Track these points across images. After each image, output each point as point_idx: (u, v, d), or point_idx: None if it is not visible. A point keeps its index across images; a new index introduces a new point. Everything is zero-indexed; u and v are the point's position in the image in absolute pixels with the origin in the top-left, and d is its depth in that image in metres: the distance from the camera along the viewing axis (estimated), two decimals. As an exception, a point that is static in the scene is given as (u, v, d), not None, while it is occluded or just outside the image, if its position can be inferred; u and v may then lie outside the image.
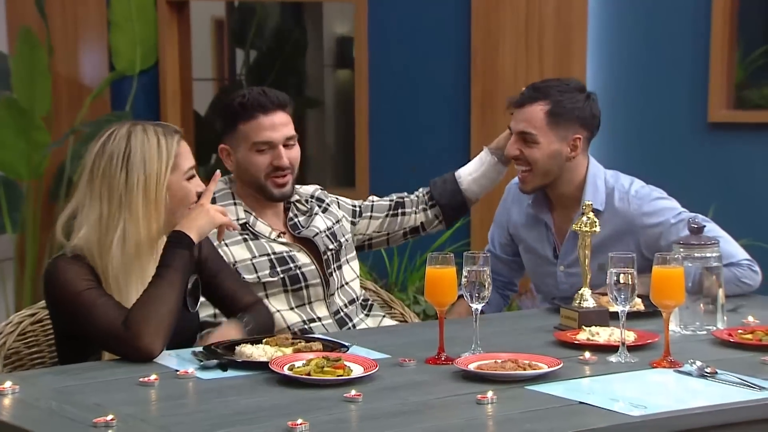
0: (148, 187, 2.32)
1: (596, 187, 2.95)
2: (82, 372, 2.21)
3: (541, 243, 3.04)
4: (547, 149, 2.91)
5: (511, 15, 4.72)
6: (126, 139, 2.34)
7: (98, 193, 2.33)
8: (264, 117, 2.74)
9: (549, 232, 3.03)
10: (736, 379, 2.09)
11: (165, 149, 2.34)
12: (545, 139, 2.90)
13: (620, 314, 2.28)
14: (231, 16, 7.61)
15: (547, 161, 2.91)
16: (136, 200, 2.31)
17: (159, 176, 2.32)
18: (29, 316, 2.59)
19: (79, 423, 1.85)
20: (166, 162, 2.34)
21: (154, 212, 2.32)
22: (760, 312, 2.69)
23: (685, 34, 4.62)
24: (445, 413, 1.96)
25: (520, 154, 2.93)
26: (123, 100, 5.25)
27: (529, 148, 2.92)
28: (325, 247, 2.82)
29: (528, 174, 2.94)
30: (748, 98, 4.82)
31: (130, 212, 2.31)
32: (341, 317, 2.81)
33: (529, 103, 2.92)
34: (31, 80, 4.97)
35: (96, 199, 2.33)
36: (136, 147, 2.33)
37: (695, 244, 2.57)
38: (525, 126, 2.91)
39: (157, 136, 2.35)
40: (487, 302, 2.33)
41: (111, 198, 2.32)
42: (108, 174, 2.32)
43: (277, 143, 2.75)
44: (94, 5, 5.28)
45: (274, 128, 2.74)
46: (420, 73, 4.92)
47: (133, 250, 2.32)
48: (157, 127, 2.39)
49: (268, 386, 2.08)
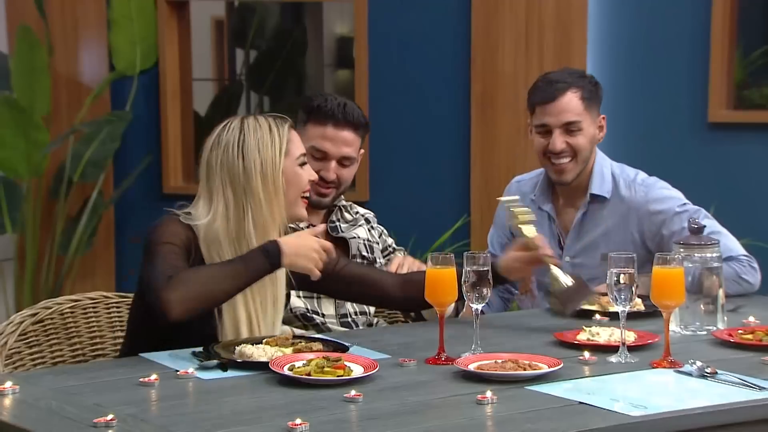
0: (265, 171, 2.40)
1: (603, 175, 2.99)
2: (83, 372, 2.21)
3: (545, 235, 3.04)
4: (588, 134, 2.96)
5: (510, 15, 4.71)
6: (239, 128, 2.43)
7: (220, 182, 2.40)
8: (332, 128, 2.77)
9: (552, 223, 3.04)
10: (737, 380, 2.09)
11: (277, 135, 2.43)
12: (586, 124, 2.95)
13: (620, 314, 2.28)
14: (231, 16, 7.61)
15: (588, 147, 2.96)
16: (257, 185, 2.39)
17: (274, 160, 2.41)
18: (30, 316, 2.59)
19: (79, 423, 1.85)
20: (279, 147, 2.42)
21: (275, 196, 2.40)
22: (760, 312, 2.69)
23: (685, 34, 4.62)
24: (445, 413, 1.96)
25: (566, 146, 2.94)
26: (123, 100, 5.24)
27: (574, 137, 2.94)
28: (357, 251, 2.83)
29: (571, 163, 2.95)
30: (748, 98, 4.82)
31: (253, 197, 2.39)
32: (347, 321, 2.81)
33: (562, 93, 2.94)
34: (31, 80, 4.97)
35: (219, 189, 2.40)
36: (249, 134, 2.41)
37: (695, 244, 2.57)
38: (569, 116, 2.93)
39: (268, 123, 2.44)
40: (487, 303, 2.33)
41: (234, 185, 2.39)
42: (226, 162, 2.40)
43: (332, 157, 2.78)
44: (93, 5, 5.27)
45: (335, 143, 2.78)
46: (420, 73, 4.92)
47: (263, 232, 2.39)
48: (268, 116, 2.48)
49: (268, 386, 2.08)
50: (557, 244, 3.04)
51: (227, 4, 7.62)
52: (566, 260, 3.01)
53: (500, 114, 4.78)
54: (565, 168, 2.95)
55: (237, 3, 7.22)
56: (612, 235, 2.95)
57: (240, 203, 2.39)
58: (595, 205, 3.00)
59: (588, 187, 2.97)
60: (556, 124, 2.94)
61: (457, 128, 4.86)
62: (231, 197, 2.39)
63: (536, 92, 2.98)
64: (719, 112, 4.57)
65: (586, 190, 2.98)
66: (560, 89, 2.93)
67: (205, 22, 7.68)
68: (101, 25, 5.26)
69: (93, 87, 5.23)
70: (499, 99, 4.78)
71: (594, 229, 3.00)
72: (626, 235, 2.94)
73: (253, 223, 2.39)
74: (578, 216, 3.01)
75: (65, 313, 2.64)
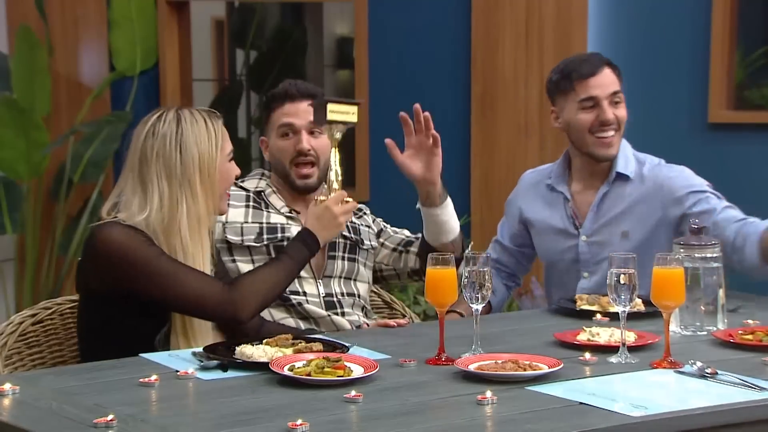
0: (202, 166, 2.44)
1: (627, 156, 3.03)
2: (83, 372, 2.21)
3: (560, 217, 3.07)
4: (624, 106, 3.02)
5: (511, 15, 4.71)
6: (176, 120, 2.45)
7: (155, 174, 2.42)
8: (290, 104, 2.86)
9: (567, 204, 3.06)
10: (737, 380, 2.09)
11: (213, 130, 2.48)
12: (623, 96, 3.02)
13: (620, 315, 2.28)
14: (231, 17, 7.61)
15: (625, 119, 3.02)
16: (194, 179, 2.43)
17: (211, 155, 2.45)
18: (30, 317, 2.59)
19: (79, 423, 1.85)
20: (215, 142, 2.47)
21: (210, 190, 2.45)
22: (760, 313, 2.69)
23: (685, 34, 4.62)
24: (445, 414, 1.96)
25: (613, 117, 2.98)
26: (123, 100, 5.24)
27: (619, 109, 3.00)
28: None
29: (615, 136, 3.00)
30: (748, 99, 4.82)
31: (189, 190, 2.42)
32: (331, 301, 2.82)
33: (603, 66, 3.00)
34: (31, 80, 4.97)
35: (154, 181, 2.41)
36: (187, 128, 2.44)
37: (695, 244, 2.57)
38: (614, 86, 2.99)
39: (203, 118, 2.48)
40: (492, 292, 2.36)
41: (170, 178, 2.42)
42: (163, 154, 2.43)
43: (299, 128, 2.84)
44: (94, 5, 5.27)
45: (297, 114, 2.85)
46: (420, 74, 4.92)
47: (197, 225, 2.42)
48: (201, 110, 2.51)
49: (268, 387, 2.08)
50: (572, 224, 3.05)
51: (227, 5, 7.63)
52: (582, 239, 3.02)
53: (500, 114, 4.78)
54: (612, 141, 2.98)
55: (237, 3, 7.22)
56: (635, 213, 2.98)
57: (175, 196, 2.41)
58: (617, 184, 3.02)
59: (611, 167, 3.00)
60: (604, 95, 2.98)
61: (457, 129, 4.86)
62: (166, 189, 2.41)
63: (574, 70, 3.00)
64: (719, 112, 4.57)
65: (608, 171, 3.01)
66: (600, 64, 3.00)
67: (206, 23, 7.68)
68: (101, 25, 5.26)
69: (93, 87, 5.24)
70: (499, 99, 4.78)
71: (614, 207, 3.01)
72: (652, 213, 2.95)
73: (187, 216, 2.42)
74: (599, 195, 3.02)
75: (65, 314, 2.64)
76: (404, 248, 2.97)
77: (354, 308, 2.85)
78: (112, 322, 2.41)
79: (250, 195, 2.87)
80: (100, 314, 2.42)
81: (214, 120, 2.49)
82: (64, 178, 5.05)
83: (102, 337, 2.42)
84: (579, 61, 3.02)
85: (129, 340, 2.38)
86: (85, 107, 5.15)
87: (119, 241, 2.36)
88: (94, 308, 2.44)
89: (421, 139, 2.75)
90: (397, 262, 2.97)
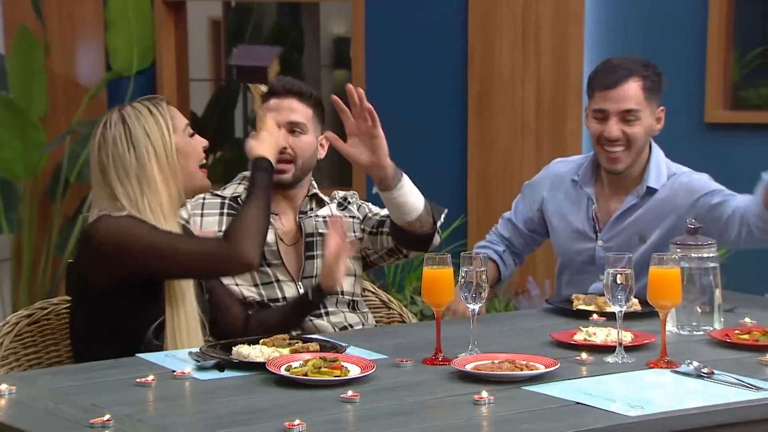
0: (158, 154, 2.44)
1: (659, 169, 3.00)
2: (79, 372, 2.21)
3: (580, 217, 3.04)
4: (645, 124, 2.96)
5: (508, 15, 4.72)
6: (121, 120, 2.46)
7: (116, 178, 2.43)
8: (275, 100, 2.82)
9: (591, 205, 3.03)
10: (733, 380, 2.09)
11: (159, 115, 2.47)
12: (644, 114, 2.95)
13: (617, 315, 2.28)
14: (228, 16, 7.61)
15: (643, 137, 2.96)
16: (152, 171, 2.43)
17: (164, 140, 2.45)
18: (26, 317, 2.58)
19: (75, 423, 1.85)
20: (165, 126, 2.46)
21: (171, 177, 2.45)
22: (756, 313, 2.69)
23: (681, 34, 4.62)
24: (442, 414, 1.96)
25: (621, 135, 2.93)
26: (120, 100, 5.23)
27: (631, 126, 2.94)
28: (314, 229, 2.82)
29: (624, 153, 2.94)
30: (744, 99, 4.83)
31: (149, 183, 2.43)
32: None
33: (625, 80, 2.93)
34: (28, 80, 4.97)
35: (117, 186, 2.43)
36: (133, 123, 2.45)
37: (692, 244, 2.57)
38: (629, 103, 2.93)
39: (146, 107, 2.48)
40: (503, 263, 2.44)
41: (129, 177, 2.43)
42: (118, 157, 2.44)
43: (278, 125, 2.77)
44: (90, 5, 5.27)
45: (279, 110, 2.80)
46: (417, 73, 4.92)
47: (161, 214, 2.43)
48: (143, 101, 2.51)
49: (265, 387, 2.08)
50: (592, 228, 3.03)
51: (224, 5, 7.62)
52: (599, 244, 3.00)
53: (497, 114, 4.78)
54: (618, 157, 2.94)
55: (234, 3, 7.22)
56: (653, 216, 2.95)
57: (136, 193, 2.43)
58: (646, 198, 2.99)
59: (642, 178, 2.97)
60: (614, 111, 2.93)
61: (454, 129, 4.86)
62: (129, 189, 2.43)
63: (597, 77, 2.97)
64: (716, 112, 4.58)
65: (637, 180, 2.98)
66: (622, 77, 2.93)
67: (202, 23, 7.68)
68: (98, 25, 5.26)
69: (90, 87, 5.23)
70: (496, 99, 4.78)
71: (635, 218, 2.98)
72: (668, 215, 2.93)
73: (150, 209, 2.43)
74: (626, 205, 2.98)
75: (61, 314, 2.63)
76: (377, 229, 2.89)
77: (339, 305, 2.82)
78: (107, 316, 2.41)
79: (225, 202, 2.81)
80: (96, 309, 2.43)
81: (158, 104, 2.49)
82: (61, 178, 5.05)
83: (97, 331, 2.43)
84: (608, 69, 2.96)
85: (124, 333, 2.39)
86: (81, 107, 5.14)
87: (113, 228, 2.38)
88: (90, 303, 2.45)
89: (359, 122, 2.63)
90: (375, 244, 2.88)
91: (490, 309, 4.36)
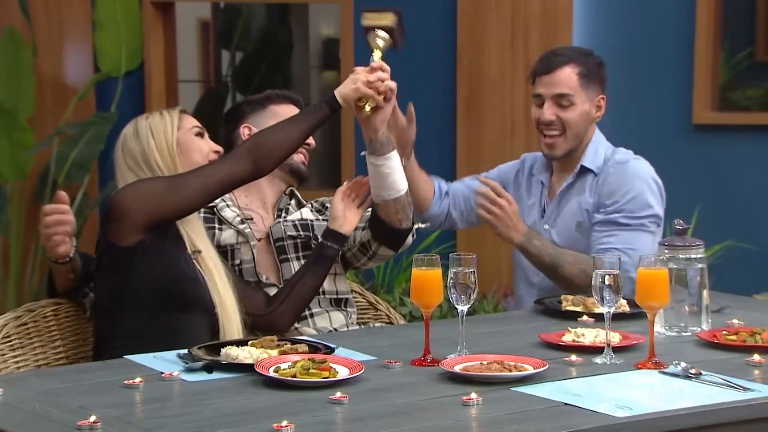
0: (160, 146, 2.58)
1: (596, 152, 3.06)
2: (67, 374, 2.20)
3: (534, 205, 3.12)
4: (580, 110, 3.02)
5: (496, 16, 4.72)
6: (134, 123, 2.64)
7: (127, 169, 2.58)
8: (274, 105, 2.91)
9: (543, 191, 3.11)
10: (721, 380, 2.09)
11: (167, 115, 2.63)
12: (579, 99, 3.02)
13: (605, 316, 2.28)
14: (217, 18, 7.60)
15: (580, 123, 3.02)
16: (155, 160, 2.57)
17: (167, 133, 2.59)
18: (14, 319, 2.57)
19: (63, 425, 1.84)
20: (170, 122, 2.61)
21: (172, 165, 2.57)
22: (744, 314, 2.70)
23: (669, 36, 4.64)
24: (430, 415, 1.96)
25: (555, 119, 2.99)
26: (108, 102, 5.23)
27: (565, 111, 3.01)
28: (282, 234, 2.82)
29: (560, 138, 3.02)
30: (732, 100, 4.84)
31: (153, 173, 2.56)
32: None
33: (560, 66, 3.01)
34: (15, 81, 4.95)
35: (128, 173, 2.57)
36: (141, 122, 2.63)
37: (680, 245, 2.57)
38: (561, 88, 3.00)
39: (159, 111, 2.66)
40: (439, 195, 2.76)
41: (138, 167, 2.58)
42: (128, 152, 2.60)
43: None
44: (78, 6, 5.26)
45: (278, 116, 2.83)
46: (405, 75, 4.91)
47: None
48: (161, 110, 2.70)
49: (253, 388, 2.08)
50: (541, 211, 3.10)
51: (213, 6, 7.61)
52: (545, 228, 3.07)
53: (486, 116, 4.79)
54: (554, 142, 3.02)
55: (223, 4, 7.21)
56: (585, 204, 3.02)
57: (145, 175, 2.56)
58: (582, 177, 3.05)
59: (578, 161, 3.04)
60: (548, 95, 3.01)
61: (443, 130, 4.86)
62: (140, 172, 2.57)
63: (538, 63, 3.07)
64: (704, 113, 4.59)
65: (577, 163, 3.05)
66: (559, 63, 3.02)
67: (191, 24, 7.67)
68: (86, 26, 5.25)
69: (78, 88, 5.22)
70: (485, 101, 4.78)
71: (574, 198, 3.05)
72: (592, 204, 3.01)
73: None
74: (564, 186, 3.07)
75: (48, 316, 2.63)
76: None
77: (321, 305, 2.82)
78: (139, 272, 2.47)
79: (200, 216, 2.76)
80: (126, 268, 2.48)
81: (171, 109, 2.66)
82: (49, 179, 5.03)
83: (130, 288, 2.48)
84: (547, 56, 3.07)
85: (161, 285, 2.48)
86: (69, 108, 5.13)
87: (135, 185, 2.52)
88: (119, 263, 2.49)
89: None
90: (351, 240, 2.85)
91: (479, 310, 4.37)
